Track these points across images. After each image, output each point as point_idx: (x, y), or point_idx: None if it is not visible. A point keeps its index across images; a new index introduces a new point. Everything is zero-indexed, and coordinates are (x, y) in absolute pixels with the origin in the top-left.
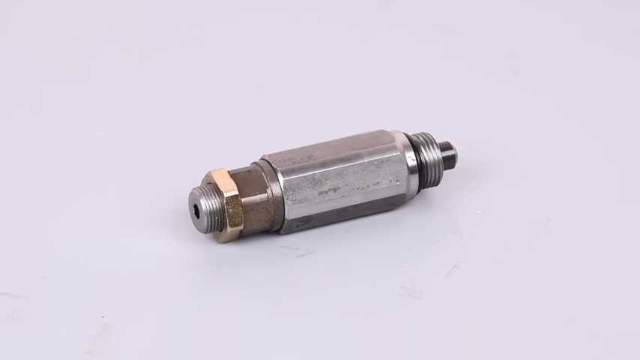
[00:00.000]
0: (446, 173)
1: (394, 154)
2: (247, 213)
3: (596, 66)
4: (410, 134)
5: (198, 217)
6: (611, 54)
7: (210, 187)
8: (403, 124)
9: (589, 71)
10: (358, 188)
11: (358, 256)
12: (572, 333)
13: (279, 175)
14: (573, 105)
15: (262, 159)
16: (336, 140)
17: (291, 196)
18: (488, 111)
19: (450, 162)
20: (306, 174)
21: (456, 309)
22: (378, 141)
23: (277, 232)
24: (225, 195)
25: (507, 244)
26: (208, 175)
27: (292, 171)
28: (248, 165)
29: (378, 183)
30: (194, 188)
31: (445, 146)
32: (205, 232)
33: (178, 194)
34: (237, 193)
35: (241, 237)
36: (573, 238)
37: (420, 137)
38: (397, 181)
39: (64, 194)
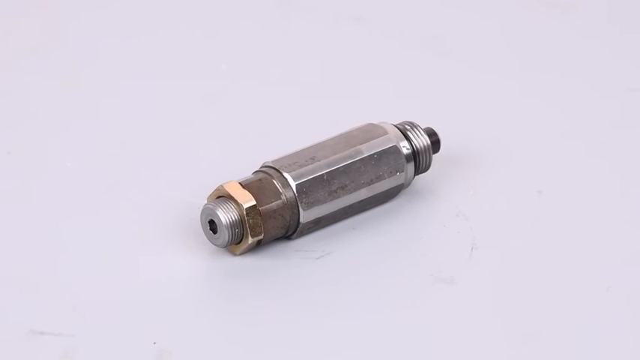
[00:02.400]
0: None
1: (391, 145)
2: (266, 222)
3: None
4: (395, 124)
5: (215, 232)
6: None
7: (225, 200)
8: (363, 117)
9: (515, 43)
10: (363, 183)
11: (375, 251)
12: (614, 296)
13: (290, 180)
14: (505, 77)
15: (266, 166)
16: (330, 139)
17: (304, 199)
18: (433, 94)
19: (436, 146)
20: (314, 175)
21: (491, 288)
22: (371, 135)
23: (288, 237)
24: (245, 206)
25: (512, 218)
26: (219, 189)
27: (301, 174)
28: (250, 175)
29: (380, 176)
30: (207, 204)
31: (429, 132)
32: (225, 247)
33: (178, 212)
34: (255, 202)
35: (256, 247)
36: (569, 206)
37: (407, 126)
38: (397, 171)
39: (62, 221)
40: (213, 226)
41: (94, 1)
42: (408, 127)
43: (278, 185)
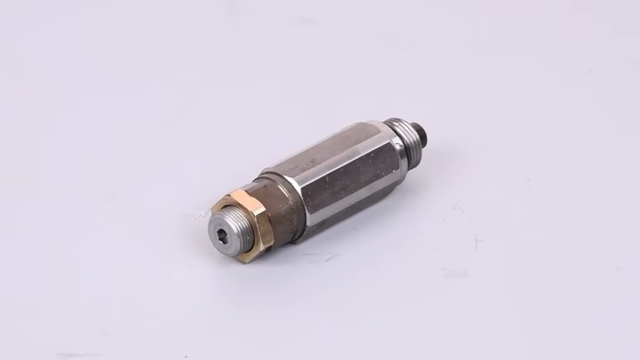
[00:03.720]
0: None
1: (385, 142)
2: (275, 227)
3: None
4: (384, 121)
5: (225, 242)
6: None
7: (234, 208)
8: (337, 117)
9: (472, 31)
10: (362, 182)
11: (381, 249)
12: (624, 277)
13: (295, 184)
14: (467, 66)
15: (267, 172)
16: (325, 141)
17: (310, 203)
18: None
19: (424, 141)
20: (317, 178)
21: (503, 277)
22: (365, 134)
23: (292, 242)
24: (256, 213)
25: (508, 207)
26: (226, 199)
27: (305, 178)
28: (250, 182)
29: (378, 174)
30: (216, 214)
31: (416, 127)
32: (235, 255)
33: (177, 224)
34: (264, 209)
35: (264, 253)
36: (560, 191)
37: (395, 122)
38: (393, 168)
39: (68, 241)
40: (222, 235)
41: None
42: (396, 124)
43: (283, 190)
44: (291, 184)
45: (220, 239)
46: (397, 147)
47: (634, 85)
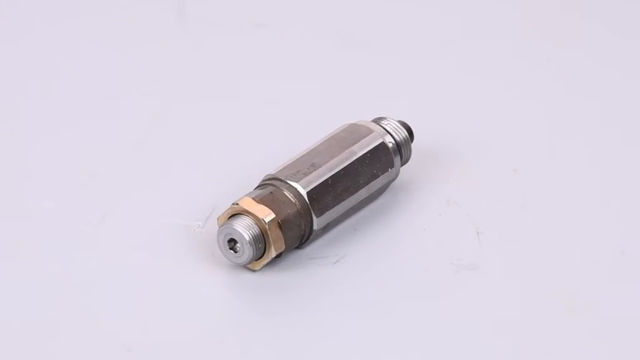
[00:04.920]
0: None
1: (379, 142)
2: (285, 233)
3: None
4: (372, 120)
5: (236, 251)
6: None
7: (243, 217)
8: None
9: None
10: (362, 183)
11: (387, 248)
12: (630, 260)
13: (300, 189)
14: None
15: (270, 178)
16: (320, 144)
17: (316, 206)
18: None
19: (412, 137)
20: (320, 181)
21: (513, 267)
22: (358, 135)
23: (297, 247)
24: (267, 220)
25: (501, 198)
26: (234, 207)
27: (309, 182)
28: (254, 189)
29: (375, 174)
30: (226, 223)
31: (403, 124)
32: (248, 264)
33: (178, 237)
34: (274, 215)
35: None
36: (547, 180)
37: (383, 121)
38: (389, 167)
39: (74, 263)
40: (233, 244)
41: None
42: (385, 122)
43: (289, 196)
44: (296, 189)
45: (231, 249)
46: (390, 145)
47: (606, 71)
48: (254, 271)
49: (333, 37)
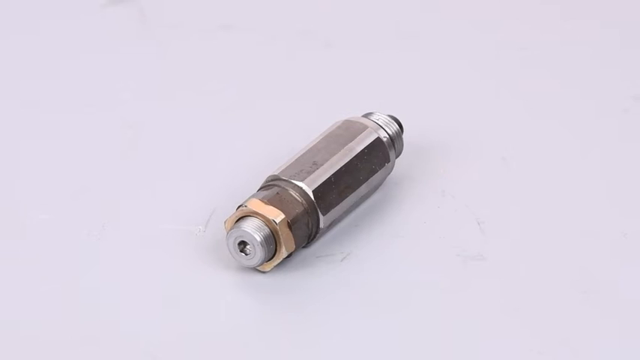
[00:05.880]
0: None
1: (375, 137)
2: (295, 233)
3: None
4: (362, 115)
5: (247, 253)
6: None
7: (252, 219)
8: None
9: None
10: (362, 179)
11: (392, 243)
12: (631, 242)
13: (306, 188)
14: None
15: (273, 179)
16: (318, 142)
17: (321, 205)
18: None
19: (402, 129)
20: (324, 179)
21: (520, 256)
22: (353, 131)
23: (303, 246)
24: (277, 220)
25: (494, 187)
26: (242, 210)
27: (313, 180)
28: (255, 191)
29: (373, 169)
30: (235, 226)
31: (392, 117)
32: (258, 265)
33: (181, 243)
34: (284, 216)
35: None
36: (537, 166)
37: (374, 115)
38: (385, 162)
39: (85, 276)
40: (244, 247)
41: None
42: (376, 117)
43: (295, 195)
44: (301, 188)
45: (242, 251)
46: (385, 139)
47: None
48: (264, 272)
49: (300, 37)
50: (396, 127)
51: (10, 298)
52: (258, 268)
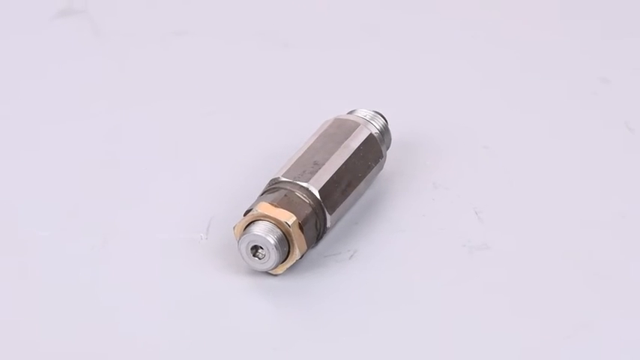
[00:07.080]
0: None
1: (367, 133)
2: (306, 234)
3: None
4: (348, 113)
5: (261, 257)
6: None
7: (264, 222)
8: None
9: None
10: (360, 177)
11: (396, 238)
12: (630, 223)
13: (312, 188)
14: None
15: (277, 181)
16: (315, 142)
17: (328, 204)
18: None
19: (387, 124)
20: (328, 179)
21: (524, 243)
22: (347, 129)
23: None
24: (289, 223)
25: (485, 175)
26: (253, 214)
27: (317, 181)
28: (258, 195)
29: (369, 166)
30: (247, 231)
31: (378, 113)
32: (272, 269)
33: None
34: (295, 218)
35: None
36: (518, 154)
37: (361, 112)
38: (379, 158)
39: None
40: (256, 251)
41: None
42: (363, 113)
43: (302, 196)
44: (307, 188)
45: (255, 255)
46: (376, 135)
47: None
48: (275, 275)
49: (257, 38)
50: (382, 121)
51: (18, 315)
52: (270, 271)
